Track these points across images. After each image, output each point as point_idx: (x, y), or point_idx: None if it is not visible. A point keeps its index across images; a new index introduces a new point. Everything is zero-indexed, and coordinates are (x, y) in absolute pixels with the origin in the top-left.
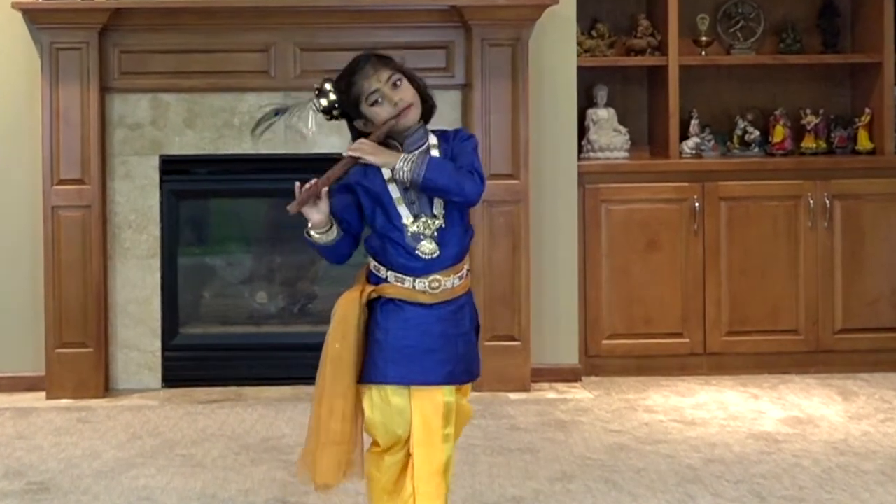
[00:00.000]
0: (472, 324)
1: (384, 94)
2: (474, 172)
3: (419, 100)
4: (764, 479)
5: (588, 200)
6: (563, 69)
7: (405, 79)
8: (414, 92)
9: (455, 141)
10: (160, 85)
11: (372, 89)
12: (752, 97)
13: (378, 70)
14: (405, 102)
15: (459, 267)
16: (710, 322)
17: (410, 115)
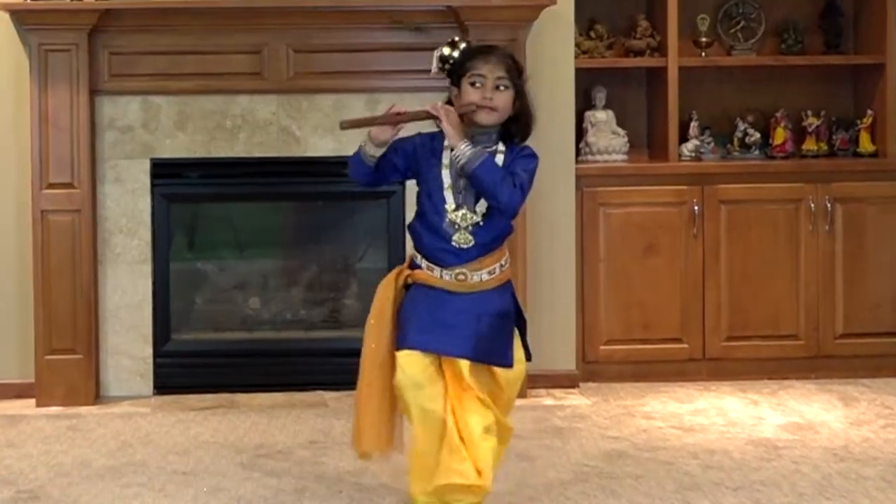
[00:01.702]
0: (503, 311)
1: (484, 83)
2: (518, 187)
3: (509, 112)
4: (763, 485)
5: (586, 204)
6: (561, 70)
7: (513, 91)
8: (509, 104)
9: (518, 155)
10: (151, 87)
11: (479, 72)
12: (753, 99)
13: (497, 65)
14: (492, 103)
15: (489, 262)
16: (709, 327)
17: (488, 116)
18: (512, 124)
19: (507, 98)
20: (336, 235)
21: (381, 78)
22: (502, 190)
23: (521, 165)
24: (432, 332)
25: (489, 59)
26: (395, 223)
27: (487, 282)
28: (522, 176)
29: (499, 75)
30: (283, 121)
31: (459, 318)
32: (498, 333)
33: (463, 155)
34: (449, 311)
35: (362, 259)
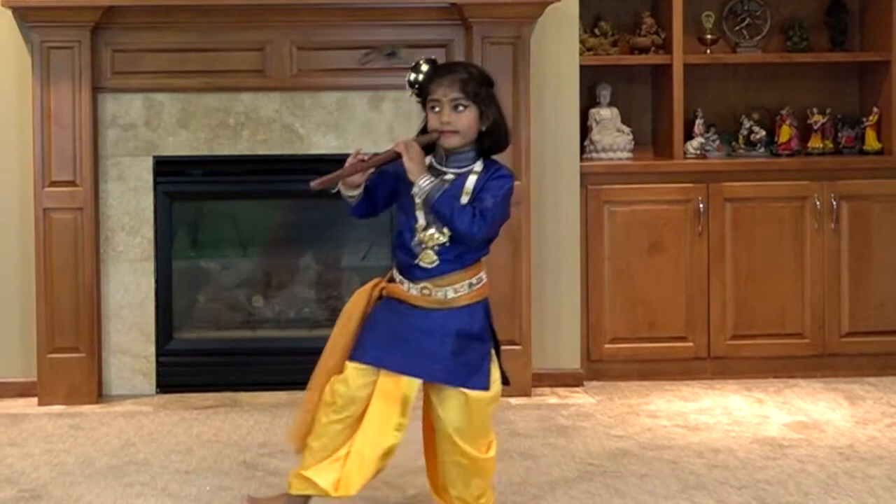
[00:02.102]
0: (471, 331)
1: (441, 108)
2: (477, 213)
3: (474, 130)
4: (769, 484)
5: (590, 202)
6: (566, 68)
7: (475, 108)
8: (471, 123)
9: (491, 177)
10: (153, 84)
11: (434, 96)
12: (758, 96)
13: (451, 86)
14: (449, 127)
15: (456, 279)
16: (714, 325)
17: (449, 140)
18: (485, 140)
19: (467, 118)
20: (339, 233)
21: (384, 75)
22: (460, 221)
23: (491, 190)
24: (389, 348)
25: (443, 81)
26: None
27: (453, 299)
28: (488, 203)
29: (453, 97)
30: (286, 118)
31: (419, 336)
32: (462, 354)
33: (422, 191)
34: (409, 327)
35: (366, 257)
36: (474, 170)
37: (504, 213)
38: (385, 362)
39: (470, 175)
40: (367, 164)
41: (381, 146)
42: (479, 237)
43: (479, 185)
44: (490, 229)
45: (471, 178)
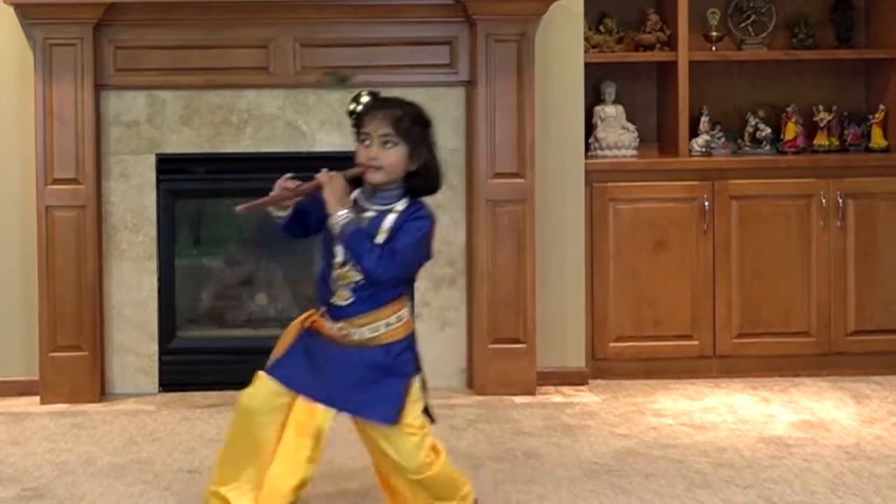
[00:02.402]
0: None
1: (370, 142)
2: (386, 253)
3: (401, 169)
4: (775, 483)
5: (595, 199)
6: (570, 65)
7: (405, 147)
8: (398, 161)
9: (410, 217)
10: (156, 82)
11: (365, 130)
12: (764, 93)
13: (382, 121)
14: (375, 162)
15: (371, 319)
16: (720, 324)
17: (373, 176)
18: (413, 180)
19: (394, 155)
20: None
21: (388, 72)
22: (368, 259)
23: (407, 231)
24: (301, 371)
25: (376, 115)
26: None
27: (370, 339)
28: (400, 243)
29: (383, 132)
30: (289, 115)
31: (332, 365)
32: (371, 386)
33: (337, 224)
34: (325, 356)
35: None
36: (395, 209)
37: (419, 254)
38: (294, 384)
39: (389, 214)
40: (292, 192)
41: None
42: (385, 277)
43: (398, 224)
44: (399, 270)
45: (389, 217)
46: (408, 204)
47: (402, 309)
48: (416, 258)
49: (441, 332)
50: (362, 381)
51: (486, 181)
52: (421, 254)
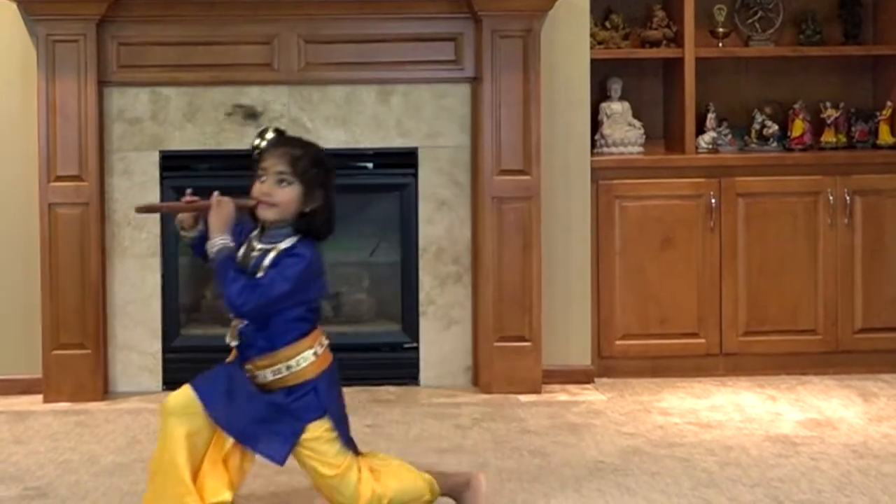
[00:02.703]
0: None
1: (266, 178)
2: (249, 286)
3: (293, 208)
4: (781, 482)
5: (601, 197)
6: (576, 61)
7: (300, 187)
8: (291, 200)
9: (287, 253)
10: (160, 78)
11: (263, 165)
12: (771, 90)
13: (280, 159)
14: (267, 199)
15: (270, 363)
16: (726, 322)
17: (265, 212)
18: (306, 221)
19: (288, 194)
20: (348, 228)
21: (394, 69)
22: (229, 289)
23: (278, 267)
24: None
25: (275, 152)
26: (407, 216)
27: (273, 382)
28: (267, 278)
29: (279, 170)
30: (294, 112)
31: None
32: (264, 422)
33: (211, 249)
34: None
35: (374, 253)
36: (278, 247)
37: (291, 290)
38: (206, 402)
39: (271, 252)
40: (186, 207)
41: (390, 141)
42: (245, 310)
43: (274, 261)
44: (261, 303)
45: (270, 255)
46: (293, 242)
47: (308, 350)
48: (283, 294)
49: (446, 330)
50: (261, 417)
51: (492, 178)
52: (295, 289)
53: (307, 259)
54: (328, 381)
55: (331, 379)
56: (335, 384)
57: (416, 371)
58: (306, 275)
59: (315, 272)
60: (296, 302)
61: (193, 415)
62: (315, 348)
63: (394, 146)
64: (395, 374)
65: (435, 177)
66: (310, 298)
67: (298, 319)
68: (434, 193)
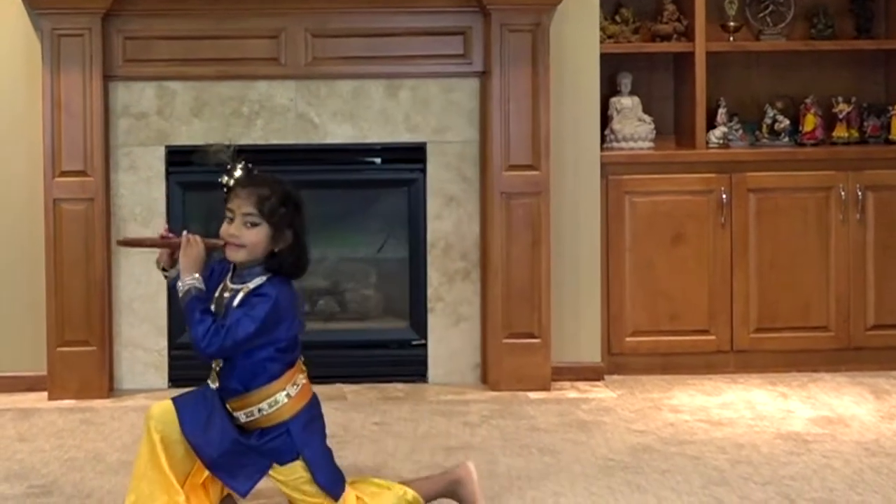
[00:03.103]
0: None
1: (233, 219)
2: (214, 327)
3: (261, 249)
4: (793, 480)
5: (611, 192)
6: (586, 56)
7: (267, 228)
8: (259, 241)
9: (252, 294)
10: (166, 73)
11: (229, 206)
12: (782, 85)
13: (246, 200)
14: (234, 240)
15: (245, 403)
16: (737, 318)
17: (233, 254)
18: (277, 261)
19: (256, 235)
20: (355, 224)
21: (402, 63)
22: (196, 330)
23: (244, 308)
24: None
25: (240, 193)
26: (415, 212)
27: (247, 423)
28: (233, 318)
29: (246, 211)
30: (301, 107)
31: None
32: (233, 455)
33: (181, 289)
34: (218, 409)
35: (381, 249)
36: (248, 286)
37: (258, 332)
38: (183, 421)
39: (241, 292)
40: (161, 243)
41: (398, 136)
42: (209, 352)
43: (241, 301)
44: (226, 345)
45: (239, 295)
46: (261, 282)
47: (280, 392)
48: (253, 334)
49: (455, 327)
50: (231, 451)
51: (501, 173)
52: (261, 330)
53: (272, 298)
54: (305, 421)
55: (308, 417)
56: (314, 421)
57: (424, 368)
58: (272, 315)
59: (282, 311)
60: (263, 343)
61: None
62: (288, 390)
63: (402, 141)
64: (402, 372)
65: (443, 172)
66: (278, 339)
67: (268, 360)
68: (442, 189)
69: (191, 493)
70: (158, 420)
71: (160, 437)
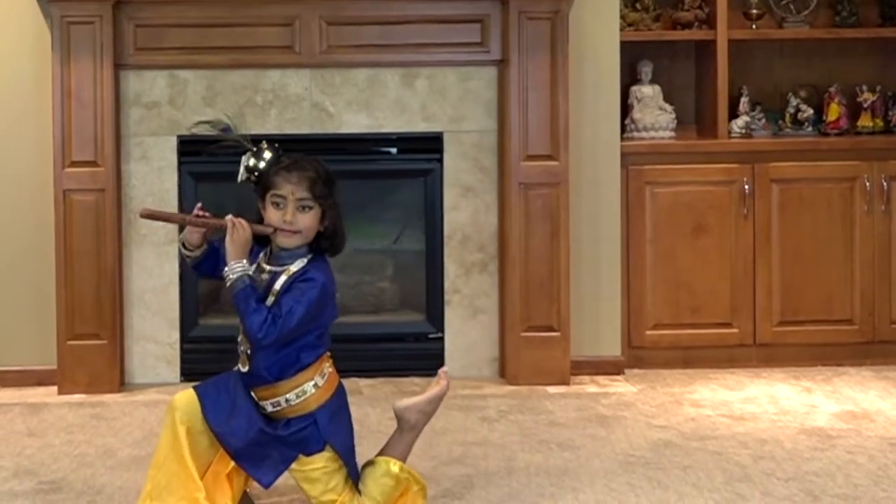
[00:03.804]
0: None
1: (285, 205)
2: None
3: (312, 234)
4: (817, 476)
5: (631, 183)
6: (606, 44)
7: (318, 209)
8: (313, 224)
9: (298, 278)
10: (178, 61)
11: (280, 192)
12: (806, 73)
13: (299, 184)
14: (291, 227)
15: (270, 394)
16: (760, 311)
17: (288, 240)
18: (320, 241)
19: (310, 219)
20: (371, 216)
21: (418, 51)
22: (251, 321)
23: (293, 293)
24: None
25: (291, 177)
26: (432, 203)
27: (273, 413)
28: (285, 307)
29: (300, 196)
30: (315, 96)
31: (242, 412)
32: (257, 445)
33: (228, 277)
34: (242, 397)
35: (398, 240)
36: (290, 269)
37: (308, 317)
38: (207, 409)
39: (282, 275)
40: (197, 221)
41: (414, 125)
42: (266, 343)
43: (285, 286)
44: (282, 336)
45: (281, 279)
46: (304, 264)
47: (308, 382)
48: (301, 323)
49: (472, 320)
50: (256, 440)
51: (519, 163)
52: (311, 315)
53: (320, 283)
54: (332, 411)
55: (335, 407)
56: (341, 412)
57: (441, 362)
58: (321, 300)
59: (328, 296)
60: (308, 329)
61: (196, 413)
62: (315, 379)
63: (418, 131)
64: (419, 365)
65: (460, 162)
66: (322, 324)
67: (305, 348)
68: (459, 179)
69: (213, 484)
70: (184, 411)
71: (186, 429)
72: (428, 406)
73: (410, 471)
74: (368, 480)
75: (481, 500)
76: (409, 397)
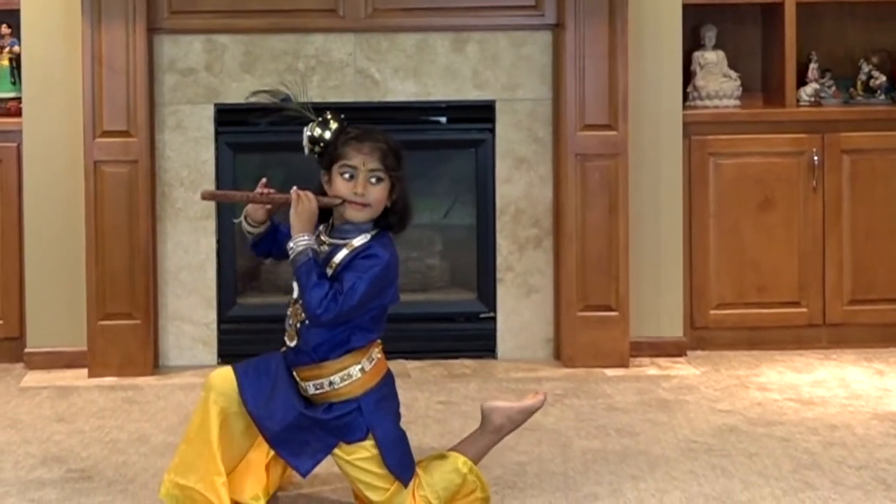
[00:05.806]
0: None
1: (356, 176)
2: (331, 294)
3: (381, 207)
4: (890, 464)
5: (694, 154)
6: (667, 7)
7: (388, 182)
8: (383, 197)
9: (360, 254)
10: (215, 25)
11: (350, 162)
12: (879, 38)
13: (370, 154)
14: (362, 199)
15: (315, 375)
16: (830, 290)
17: (357, 213)
18: (388, 216)
19: (381, 191)
20: (419, 189)
21: (469, 15)
22: (311, 296)
23: (355, 270)
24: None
25: (362, 147)
26: (483, 175)
27: (314, 396)
28: (347, 284)
29: (372, 167)
30: (360, 62)
31: (280, 395)
32: (299, 430)
33: (292, 250)
34: (282, 380)
35: (448, 215)
36: (351, 243)
37: (369, 296)
38: (244, 391)
39: (343, 248)
40: (261, 198)
41: (465, 93)
42: (325, 320)
43: (345, 261)
44: (342, 314)
45: (341, 252)
46: (367, 239)
47: (354, 366)
48: (363, 301)
49: (526, 299)
50: (296, 425)
51: (575, 134)
52: (370, 296)
53: (385, 261)
54: (378, 398)
55: (382, 394)
56: (388, 399)
57: (492, 343)
58: (384, 278)
59: (392, 275)
60: (368, 308)
61: (233, 394)
62: (363, 363)
63: (469, 99)
64: (470, 347)
65: (513, 132)
66: (382, 304)
67: (358, 329)
68: (512, 150)
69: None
70: (219, 391)
71: (219, 410)
72: (518, 415)
73: (479, 475)
74: (435, 472)
75: (535, 488)
76: (501, 400)
